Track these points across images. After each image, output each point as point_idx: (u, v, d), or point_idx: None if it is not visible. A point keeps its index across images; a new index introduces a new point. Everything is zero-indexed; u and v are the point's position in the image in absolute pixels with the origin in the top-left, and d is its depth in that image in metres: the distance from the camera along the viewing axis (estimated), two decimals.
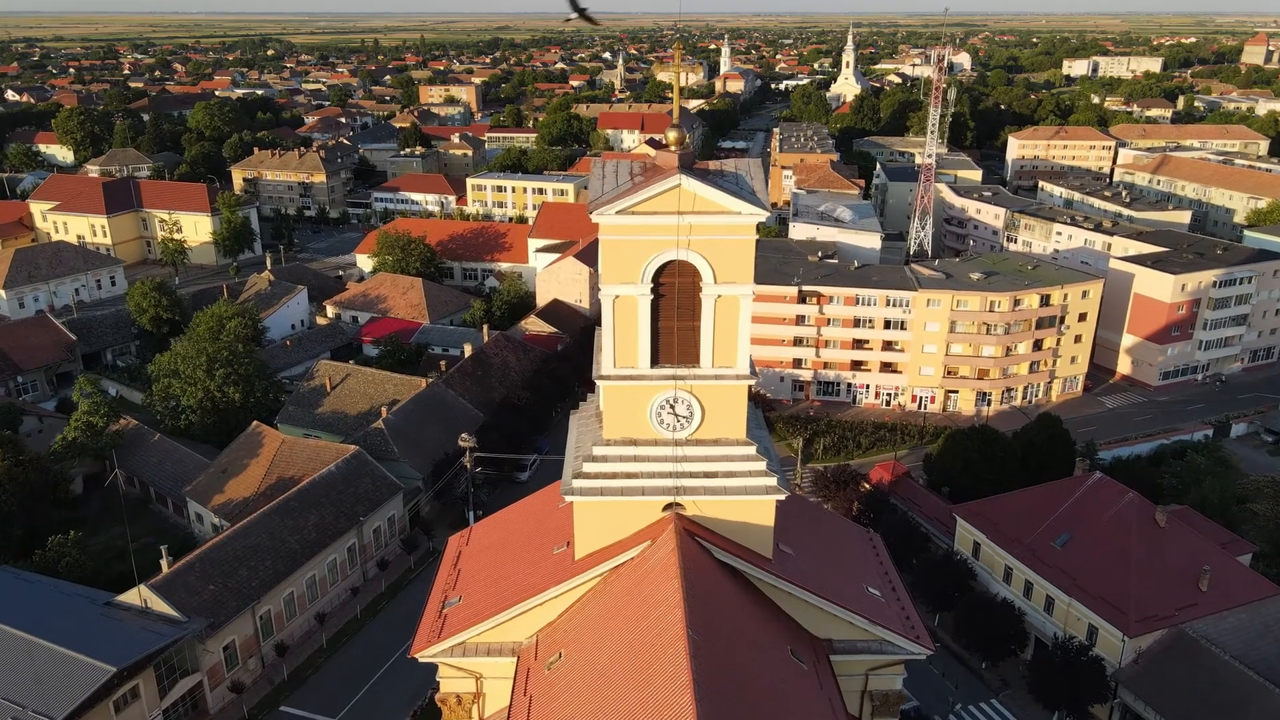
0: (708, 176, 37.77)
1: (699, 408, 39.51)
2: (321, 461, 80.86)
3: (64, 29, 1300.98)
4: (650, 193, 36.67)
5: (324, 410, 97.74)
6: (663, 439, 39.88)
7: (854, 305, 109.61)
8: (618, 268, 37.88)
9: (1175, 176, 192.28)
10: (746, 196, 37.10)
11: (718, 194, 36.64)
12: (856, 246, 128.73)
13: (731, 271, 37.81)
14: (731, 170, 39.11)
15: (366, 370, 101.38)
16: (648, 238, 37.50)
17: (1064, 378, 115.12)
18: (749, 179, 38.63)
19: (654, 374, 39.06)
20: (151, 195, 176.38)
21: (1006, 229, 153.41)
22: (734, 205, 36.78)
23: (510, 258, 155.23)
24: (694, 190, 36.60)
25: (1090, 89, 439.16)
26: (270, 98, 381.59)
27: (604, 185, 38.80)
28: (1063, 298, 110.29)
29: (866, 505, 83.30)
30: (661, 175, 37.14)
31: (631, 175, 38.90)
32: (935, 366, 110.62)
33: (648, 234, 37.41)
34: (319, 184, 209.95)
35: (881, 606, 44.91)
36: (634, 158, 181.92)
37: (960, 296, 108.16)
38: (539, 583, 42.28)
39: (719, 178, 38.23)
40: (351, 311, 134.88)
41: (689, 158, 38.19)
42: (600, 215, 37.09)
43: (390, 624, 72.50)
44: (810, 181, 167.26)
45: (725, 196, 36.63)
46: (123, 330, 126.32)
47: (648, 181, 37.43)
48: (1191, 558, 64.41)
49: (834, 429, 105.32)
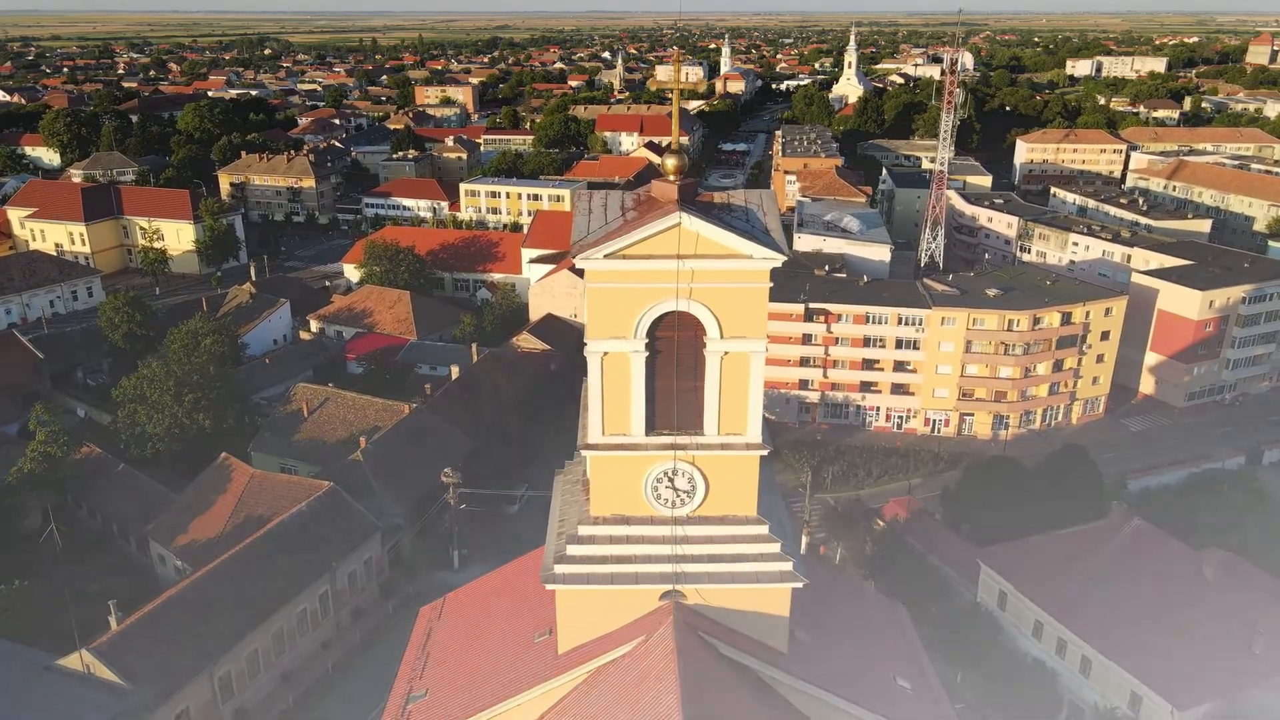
0: (712, 212, 31.93)
1: (702, 481, 33.68)
2: (293, 499, 74.87)
3: (62, 28, 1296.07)
4: (645, 233, 30.75)
5: (301, 437, 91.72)
6: (660, 516, 34.07)
7: (864, 324, 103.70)
8: (607, 320, 32.00)
9: (1191, 182, 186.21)
10: (759, 236, 31.22)
11: (725, 234, 30.73)
12: (865, 259, 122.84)
13: (741, 324, 31.93)
14: (740, 204, 33.21)
15: (346, 395, 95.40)
16: (642, 285, 31.58)
17: (1085, 399, 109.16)
18: (761, 214, 32.75)
19: (650, 442, 33.21)
20: (132, 201, 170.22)
21: (1019, 238, 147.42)
22: (744, 247, 30.84)
23: (503, 268, 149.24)
24: (696, 230, 30.69)
25: (1095, 89, 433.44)
26: (264, 98, 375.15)
27: (589, 222, 32.92)
28: (1085, 315, 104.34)
29: (880, 546, 77.38)
30: (658, 211, 31.28)
31: (623, 210, 33.02)
32: (949, 388, 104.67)
33: (642, 281, 31.49)
34: (308, 189, 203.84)
35: (913, 703, 39.07)
36: (630, 161, 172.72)
37: (977, 314, 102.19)
38: (516, 680, 36.47)
39: (726, 213, 32.36)
40: (336, 326, 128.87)
41: (690, 190, 32.33)
42: (585, 260, 31.26)
43: (364, 681, 66.44)
44: (815, 189, 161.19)
45: (733, 237, 30.71)
46: (94, 347, 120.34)
47: (642, 219, 31.59)
48: (1242, 616, 58.52)
49: (843, 455, 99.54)
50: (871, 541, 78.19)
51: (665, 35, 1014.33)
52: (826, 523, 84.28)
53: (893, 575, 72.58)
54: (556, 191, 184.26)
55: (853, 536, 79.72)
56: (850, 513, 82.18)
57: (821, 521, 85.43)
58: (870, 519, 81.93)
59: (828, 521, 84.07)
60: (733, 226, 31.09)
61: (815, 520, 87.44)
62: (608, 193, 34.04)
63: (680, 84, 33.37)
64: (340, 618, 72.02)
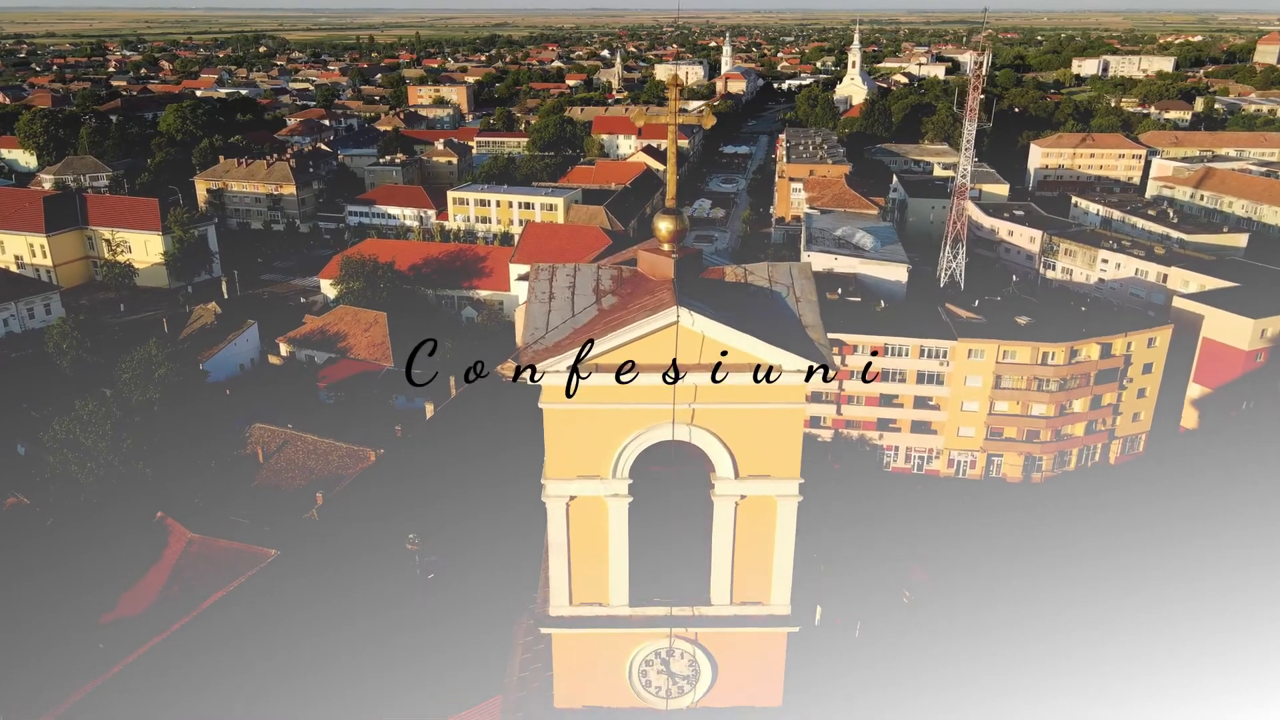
0: (725, 298, 22.34)
1: (708, 664, 24.20)
2: (235, 570, 65.43)
3: (59, 25, 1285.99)
4: (628, 336, 21.10)
5: (256, 485, 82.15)
6: (651, 703, 24.77)
7: (881, 355, 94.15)
8: (573, 454, 22.41)
9: (1221, 191, 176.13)
10: (791, 337, 21.65)
11: (742, 337, 21.13)
12: (880, 279, 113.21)
13: (764, 460, 22.31)
14: (763, 283, 23.51)
15: (307, 438, 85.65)
16: (625, 406, 22.03)
17: (1124, 437, 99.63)
18: (792, 299, 23.15)
19: (637, 615, 23.69)
20: (98, 211, 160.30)
21: (1043, 254, 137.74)
22: (769, 355, 21.09)
23: (490, 284, 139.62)
24: (703, 330, 21.10)
25: (1103, 89, 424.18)
26: (253, 98, 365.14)
27: (547, 312, 23.29)
28: (1126, 347, 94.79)
29: (911, 624, 67.83)
30: (647, 299, 21.73)
31: (596, 293, 23.38)
32: (976, 427, 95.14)
33: (625, 399, 21.89)
34: (289, 196, 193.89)
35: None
36: (628, 166, 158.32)
37: (1007, 346, 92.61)
38: None
39: (743, 299, 22.74)
40: (307, 350, 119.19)
41: (693, 264, 22.91)
42: (543, 375, 21.81)
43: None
44: (824, 200, 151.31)
45: (755, 342, 21.10)
46: (45, 374, 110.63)
47: (624, 309, 22.05)
48: None
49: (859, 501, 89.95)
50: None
51: (665, 34, 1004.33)
52: (841, 585, 74.84)
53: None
54: (549, 200, 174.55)
55: (876, 606, 70.22)
56: (868, 578, 72.70)
57: (835, 583, 75.97)
58: (898, 574, 72.42)
59: (842, 583, 74.61)
60: (753, 323, 21.44)
61: (828, 578, 77.93)
62: (575, 272, 24.30)
63: (675, 118, 23.71)
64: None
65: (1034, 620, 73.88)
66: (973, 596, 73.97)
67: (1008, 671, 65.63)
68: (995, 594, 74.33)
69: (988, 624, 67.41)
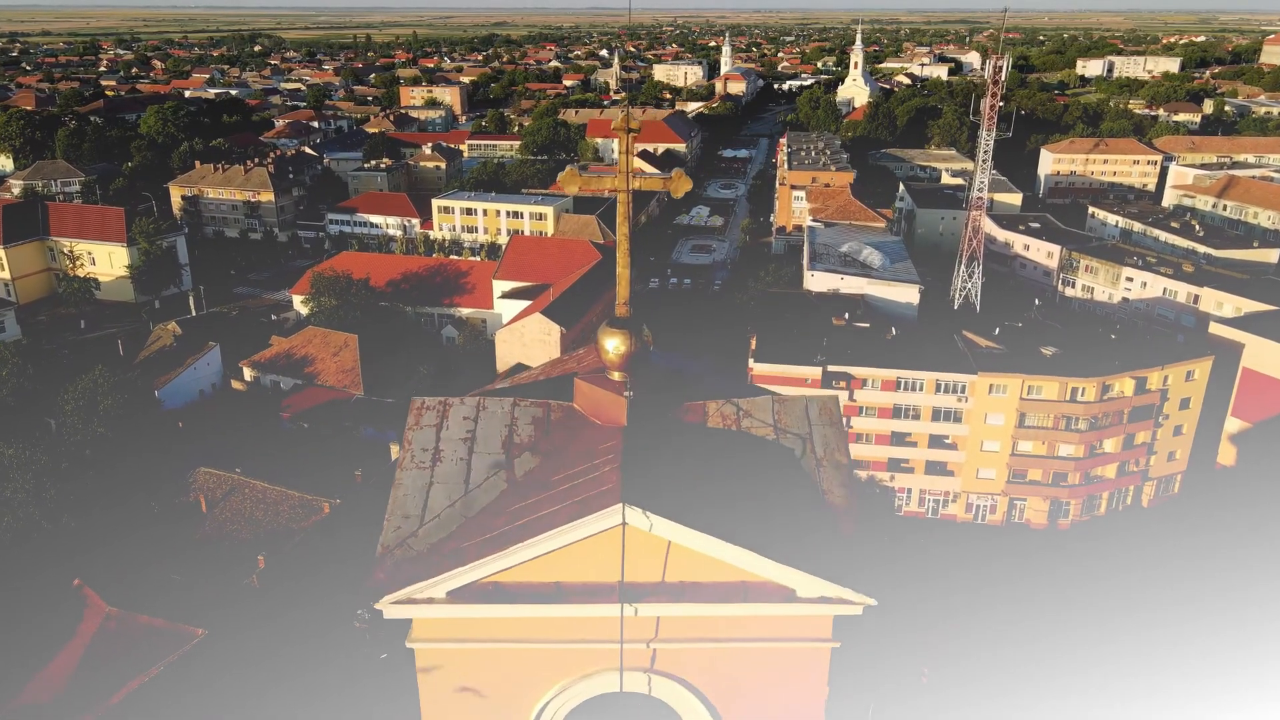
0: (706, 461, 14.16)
1: None
2: (155, 652, 56.99)
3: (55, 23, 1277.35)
4: (547, 545, 12.81)
5: (196, 539, 73.64)
6: None
7: (894, 390, 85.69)
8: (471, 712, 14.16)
9: (1245, 201, 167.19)
10: (810, 537, 13.32)
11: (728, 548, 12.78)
12: (890, 301, 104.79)
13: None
14: (766, 430, 15.10)
15: (255, 485, 77.04)
16: (544, 645, 13.68)
17: (1158, 478, 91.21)
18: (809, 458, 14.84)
19: None
20: (61, 220, 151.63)
21: (1062, 270, 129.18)
22: (773, 572, 12.84)
23: (472, 301, 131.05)
24: (666, 534, 12.79)
25: (1108, 90, 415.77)
26: (242, 99, 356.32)
27: (426, 487, 15.04)
28: (1162, 380, 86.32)
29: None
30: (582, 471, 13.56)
31: (508, 451, 15.14)
32: (997, 469, 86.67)
33: (544, 637, 13.59)
34: (267, 203, 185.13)
35: None
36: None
37: (1032, 381, 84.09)
38: None
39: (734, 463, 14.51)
40: (272, 375, 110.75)
41: (657, 400, 14.75)
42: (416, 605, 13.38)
43: None
44: (828, 211, 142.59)
45: (751, 557, 12.75)
46: None
47: (546, 491, 13.79)
48: None
49: None
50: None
51: (665, 33, 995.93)
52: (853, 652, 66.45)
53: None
54: (539, 209, 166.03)
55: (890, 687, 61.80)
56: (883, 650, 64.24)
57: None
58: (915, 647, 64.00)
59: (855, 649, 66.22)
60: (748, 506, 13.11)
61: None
62: (479, 411, 15.79)
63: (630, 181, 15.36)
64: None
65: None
66: (990, 640, 66.25)
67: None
68: (1012, 634, 66.86)
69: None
